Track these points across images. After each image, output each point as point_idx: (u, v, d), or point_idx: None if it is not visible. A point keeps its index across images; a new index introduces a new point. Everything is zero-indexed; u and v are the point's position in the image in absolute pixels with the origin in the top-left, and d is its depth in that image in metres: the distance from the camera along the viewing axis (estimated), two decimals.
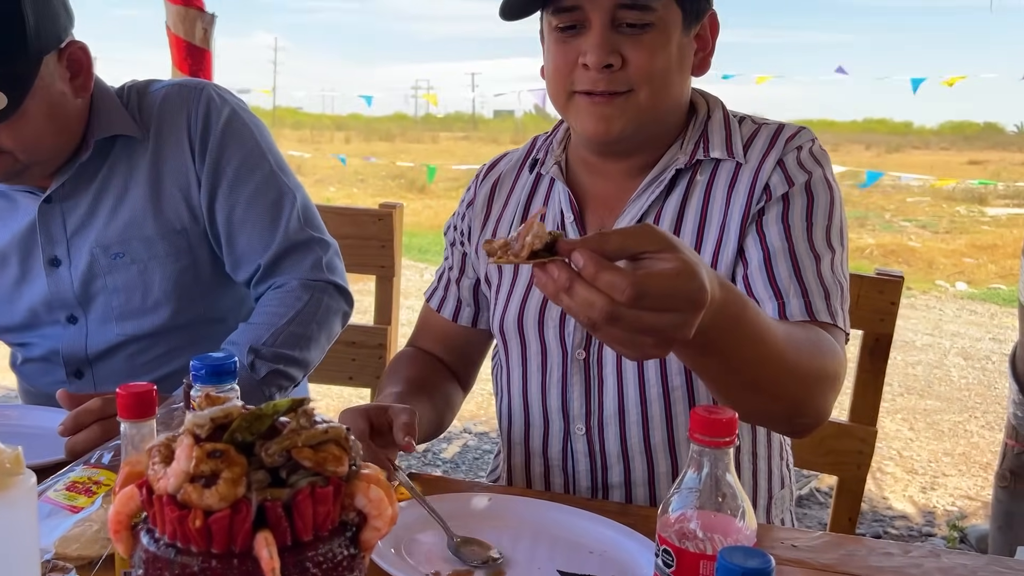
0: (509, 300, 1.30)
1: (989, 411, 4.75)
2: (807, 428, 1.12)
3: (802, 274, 1.14)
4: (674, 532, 0.73)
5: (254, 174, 1.45)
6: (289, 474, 0.54)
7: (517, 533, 1.05)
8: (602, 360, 1.24)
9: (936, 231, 11.98)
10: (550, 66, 1.19)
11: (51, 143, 1.37)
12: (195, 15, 3.15)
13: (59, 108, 1.35)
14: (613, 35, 1.12)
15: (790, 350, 1.00)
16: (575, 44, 1.14)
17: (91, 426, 1.19)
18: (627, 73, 1.13)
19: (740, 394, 1.01)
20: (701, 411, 0.72)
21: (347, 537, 0.56)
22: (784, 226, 1.16)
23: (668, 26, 1.14)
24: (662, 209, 1.22)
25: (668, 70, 1.15)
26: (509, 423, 1.35)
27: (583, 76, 1.14)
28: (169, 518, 0.53)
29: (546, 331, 1.26)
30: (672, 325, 0.77)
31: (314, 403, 0.58)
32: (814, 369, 1.05)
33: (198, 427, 0.54)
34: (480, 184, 1.40)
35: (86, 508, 0.96)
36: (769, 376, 0.99)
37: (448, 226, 1.46)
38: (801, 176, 1.18)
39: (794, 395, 1.04)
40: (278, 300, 1.43)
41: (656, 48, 1.13)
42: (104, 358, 1.51)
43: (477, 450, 4.03)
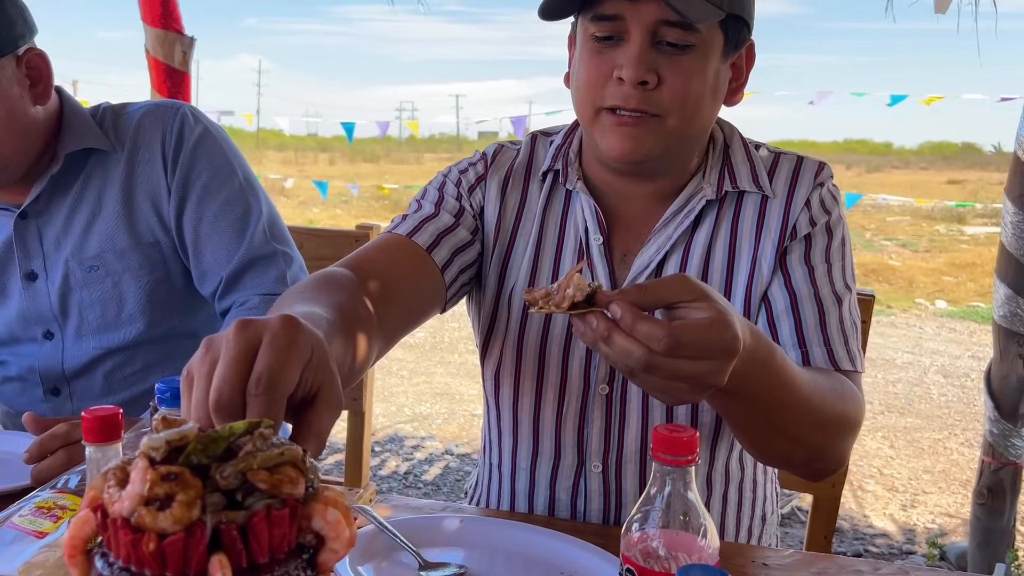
0: (527, 317, 1.23)
1: (968, 428, 4.78)
2: (824, 473, 1.14)
3: (826, 321, 1.15)
4: (638, 551, 0.74)
5: (222, 189, 1.46)
6: (245, 496, 0.54)
7: (489, 553, 1.04)
8: (626, 397, 1.20)
9: (916, 250, 12.10)
10: (581, 76, 1.13)
11: (11, 148, 1.37)
12: (174, 38, 3.16)
13: (17, 113, 1.36)
14: (652, 52, 1.07)
15: (814, 397, 1.02)
16: (611, 56, 1.09)
17: (57, 452, 1.18)
18: (660, 94, 1.08)
19: (764, 438, 1.03)
20: (663, 429, 0.72)
21: (304, 560, 0.56)
22: (808, 268, 1.17)
23: (708, 50, 1.10)
24: (691, 242, 1.19)
25: (702, 97, 1.10)
26: (514, 446, 1.29)
27: (615, 90, 1.09)
28: (123, 542, 0.52)
29: (571, 361, 1.21)
30: (707, 372, 0.81)
31: (269, 426, 0.58)
32: (836, 415, 1.07)
33: (153, 450, 0.54)
34: (492, 167, 1.28)
35: (51, 533, 0.95)
36: (793, 421, 1.01)
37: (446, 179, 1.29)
38: (823, 217, 1.19)
39: (816, 441, 1.06)
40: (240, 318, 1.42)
41: (694, 73, 1.09)
42: (81, 375, 1.51)
43: (459, 472, 4.01)
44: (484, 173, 1.28)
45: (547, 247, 1.24)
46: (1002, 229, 2.70)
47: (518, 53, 48.49)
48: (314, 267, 1.65)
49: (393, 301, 1.09)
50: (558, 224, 1.25)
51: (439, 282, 1.19)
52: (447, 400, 5.17)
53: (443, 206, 1.24)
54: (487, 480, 1.36)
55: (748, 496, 1.28)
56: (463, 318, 6.98)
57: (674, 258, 1.19)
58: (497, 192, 1.27)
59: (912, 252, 11.89)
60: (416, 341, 6.31)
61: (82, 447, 1.17)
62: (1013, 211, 2.62)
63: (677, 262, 1.19)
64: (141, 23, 3.20)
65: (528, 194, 1.27)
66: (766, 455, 1.11)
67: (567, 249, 1.24)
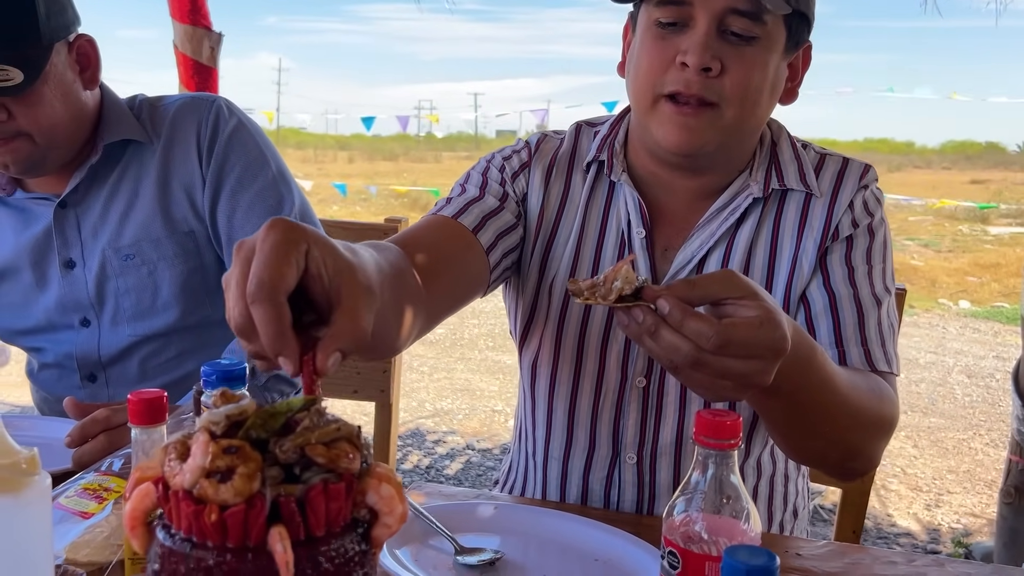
0: (567, 310, 1.23)
1: (993, 429, 4.74)
2: (856, 473, 1.14)
3: (865, 322, 1.15)
4: (679, 535, 0.74)
5: (256, 180, 1.49)
6: (302, 471, 0.55)
7: (523, 540, 1.05)
8: (663, 390, 1.20)
9: (939, 250, 11.99)
10: (642, 62, 1.12)
11: (65, 129, 1.42)
12: (203, 34, 3.19)
13: (71, 96, 1.42)
14: (717, 40, 1.07)
15: (852, 397, 1.02)
16: (675, 41, 1.08)
17: (98, 436, 1.21)
18: (722, 83, 1.07)
19: (800, 438, 1.04)
20: (706, 414, 0.73)
21: (358, 533, 0.57)
22: (848, 268, 1.17)
23: (771, 45, 1.10)
24: (734, 239, 1.19)
25: (761, 91, 1.10)
26: (547, 435, 1.29)
27: (677, 75, 1.08)
28: (185, 513, 0.54)
29: (609, 353, 1.22)
30: (754, 371, 0.81)
31: (326, 403, 0.59)
32: (872, 416, 1.07)
33: (213, 424, 0.56)
34: (536, 156, 1.28)
35: (96, 514, 0.97)
36: (830, 421, 1.01)
37: (489, 164, 1.28)
38: (865, 218, 1.19)
39: (852, 441, 1.06)
40: None
41: (756, 65, 1.09)
42: (116, 362, 1.54)
43: (480, 467, 4.02)
44: (528, 161, 1.28)
45: (589, 238, 1.24)
46: None
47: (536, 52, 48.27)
48: None
49: (439, 278, 1.08)
50: (600, 216, 1.25)
51: (483, 263, 1.18)
52: (468, 396, 5.18)
53: (488, 190, 1.24)
54: (521, 468, 1.37)
55: (780, 490, 1.28)
56: (482, 315, 6.98)
57: (716, 255, 1.19)
58: (541, 181, 1.26)
59: (935, 252, 11.79)
60: (436, 337, 6.33)
61: (122, 432, 1.20)
62: None
63: (719, 259, 1.19)
64: (165, 21, 3.23)
65: (571, 184, 1.26)
66: (801, 455, 1.12)
67: (609, 241, 1.24)
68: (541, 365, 1.27)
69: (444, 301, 1.11)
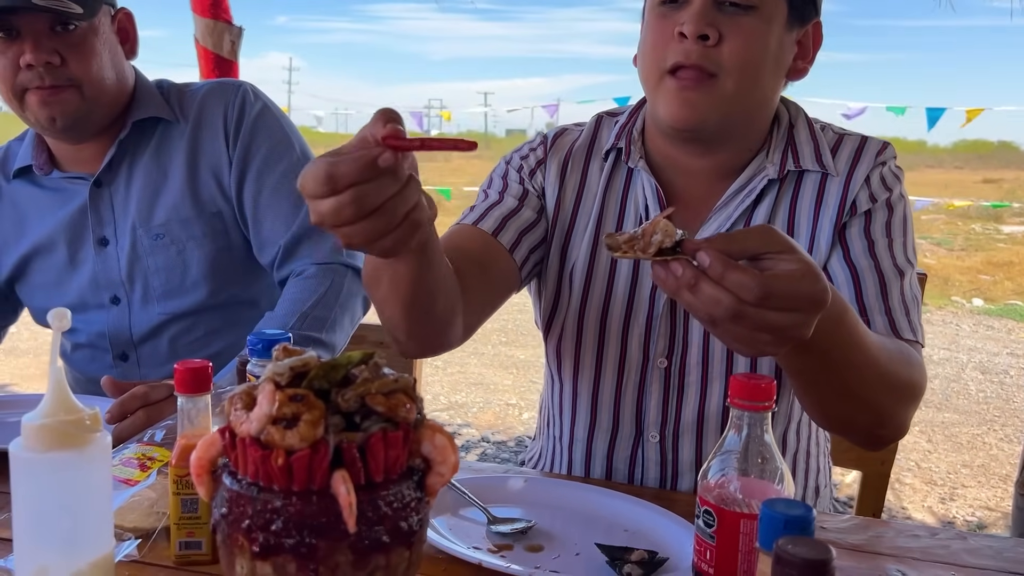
0: (588, 294, 1.25)
1: (1008, 424, 4.74)
2: (884, 440, 1.13)
3: (888, 291, 1.15)
4: (714, 496, 0.77)
5: (281, 161, 1.53)
6: (362, 420, 0.58)
7: (552, 511, 1.08)
8: (685, 369, 1.22)
9: (951, 248, 11.96)
10: (647, 41, 1.15)
11: (110, 86, 1.49)
12: (223, 28, 3.22)
13: (117, 57, 1.50)
14: (714, 11, 1.09)
15: (882, 358, 1.02)
16: (675, 17, 1.11)
17: (136, 412, 1.23)
18: (720, 52, 1.09)
19: (831, 400, 1.03)
20: (741, 377, 0.75)
21: (414, 481, 0.60)
22: (868, 241, 1.17)
23: (771, 16, 1.11)
24: (750, 221, 1.20)
25: (762, 62, 1.11)
26: (573, 418, 1.31)
27: (676, 47, 1.10)
28: (252, 458, 0.57)
29: (631, 336, 1.23)
30: (793, 324, 0.81)
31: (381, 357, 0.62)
32: (903, 380, 1.07)
33: (278, 375, 0.58)
34: (551, 151, 1.30)
35: (142, 482, 0.99)
36: (860, 382, 1.01)
37: (508, 165, 1.32)
38: (883, 193, 1.19)
39: (881, 404, 1.06)
40: (300, 287, 1.49)
41: (754, 35, 1.10)
42: (147, 340, 1.57)
43: (495, 459, 4.05)
44: (544, 156, 1.30)
45: (607, 226, 1.26)
46: None
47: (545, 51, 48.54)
48: None
49: (469, 283, 1.12)
50: (619, 202, 1.26)
51: (510, 264, 1.22)
52: (482, 390, 5.21)
53: (507, 192, 1.27)
54: (548, 453, 1.39)
55: (801, 466, 1.30)
56: None
57: None
58: (556, 174, 1.29)
59: (947, 251, 11.76)
60: None
61: (160, 407, 1.23)
62: None
63: None
64: (178, 21, 3.26)
65: (588, 174, 1.28)
66: (830, 418, 1.11)
67: (628, 227, 1.25)
68: (565, 351, 1.30)
69: (479, 305, 1.17)
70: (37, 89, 1.41)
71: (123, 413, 1.23)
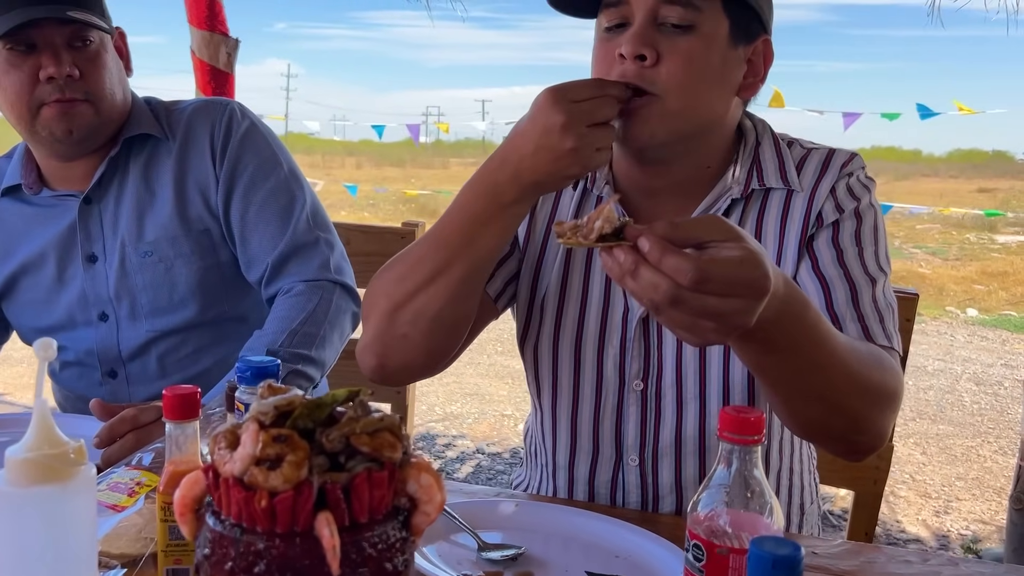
0: (561, 320, 1.26)
1: (1002, 436, 4.74)
2: (863, 448, 1.11)
3: (859, 298, 1.14)
4: (703, 529, 0.76)
5: (268, 179, 1.55)
6: (347, 459, 0.58)
7: (544, 537, 1.07)
8: (661, 390, 1.21)
9: (946, 258, 11.98)
10: (594, 67, 1.16)
11: (119, 102, 1.52)
12: (219, 40, 3.22)
13: (121, 74, 1.54)
14: (653, 31, 1.09)
15: (851, 360, 1.00)
16: (617, 40, 1.11)
17: (126, 436, 1.23)
18: (658, 72, 1.08)
19: (800, 402, 1.01)
20: (730, 410, 0.75)
21: (399, 521, 0.59)
22: (837, 251, 1.16)
23: (711, 34, 1.11)
24: None
25: (702, 80, 1.11)
26: (554, 445, 1.31)
27: (617, 68, 1.10)
28: (235, 499, 0.56)
29: (605, 360, 1.24)
30: (734, 311, 0.80)
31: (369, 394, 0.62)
32: (874, 383, 1.05)
33: (263, 414, 0.58)
34: None
35: (129, 508, 0.99)
36: (829, 384, 0.99)
37: None
38: (850, 203, 1.18)
39: (855, 408, 1.04)
40: (288, 304, 1.49)
41: (693, 54, 1.09)
42: (136, 357, 1.57)
43: (490, 470, 4.04)
44: None
45: (577, 253, 1.27)
46: None
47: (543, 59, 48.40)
48: (361, 263, 1.70)
49: None
50: None
51: (486, 297, 1.26)
52: (477, 400, 5.20)
53: None
54: (536, 481, 1.39)
55: (785, 484, 1.29)
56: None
57: None
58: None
59: (942, 260, 11.78)
60: None
61: (149, 430, 1.23)
62: None
63: None
64: (175, 28, 3.26)
65: (559, 202, 1.30)
66: (802, 423, 1.09)
67: (596, 253, 1.25)
68: (543, 377, 1.30)
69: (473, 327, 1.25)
70: (55, 102, 1.43)
71: (112, 437, 1.23)
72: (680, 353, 1.20)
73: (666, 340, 1.21)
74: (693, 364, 1.19)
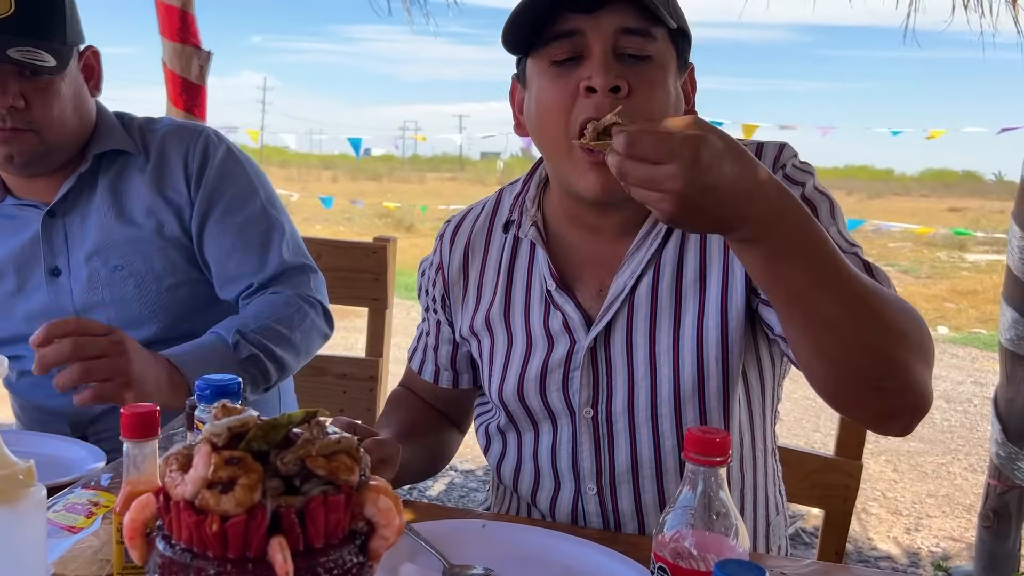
0: (506, 371, 1.26)
1: (972, 453, 4.78)
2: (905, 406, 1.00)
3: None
4: (669, 551, 0.75)
5: (245, 207, 1.54)
6: (302, 482, 0.57)
7: (512, 558, 1.06)
8: (612, 416, 1.20)
9: (918, 276, 12.12)
10: (546, 106, 1.12)
11: (71, 129, 1.48)
12: (191, 52, 3.20)
13: (81, 98, 1.50)
14: (616, 63, 1.07)
15: (866, 288, 0.94)
16: (575, 74, 1.08)
17: (63, 340, 1.20)
18: (631, 104, 1.05)
19: (820, 332, 0.95)
20: (695, 431, 0.74)
21: (356, 545, 0.58)
22: None
23: (665, 63, 1.11)
24: (660, 259, 1.19)
25: (666, 109, 1.11)
26: (515, 481, 1.31)
27: (586, 103, 1.07)
28: (186, 523, 0.54)
29: (549, 395, 1.23)
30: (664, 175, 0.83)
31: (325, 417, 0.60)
32: (900, 320, 0.97)
33: (215, 436, 0.56)
34: (450, 250, 1.34)
35: (85, 529, 0.97)
36: (849, 309, 0.93)
37: (420, 289, 1.42)
38: (795, 190, 1.12)
39: (880, 343, 0.96)
40: (269, 301, 1.50)
41: (656, 83, 1.10)
42: None
43: (463, 488, 4.01)
44: (440, 262, 1.35)
45: (516, 297, 1.27)
46: (1009, 253, 2.72)
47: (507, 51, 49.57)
48: (332, 278, 1.69)
49: (440, 400, 1.42)
50: (526, 273, 1.27)
51: (454, 380, 1.39)
52: None
53: (429, 332, 1.40)
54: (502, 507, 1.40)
55: (749, 500, 1.29)
56: None
57: (645, 279, 1.19)
58: (460, 264, 1.33)
59: (914, 278, 11.91)
60: None
61: (91, 343, 1.21)
62: (1020, 235, 2.64)
63: (649, 282, 1.19)
64: (149, 39, 3.24)
65: (490, 248, 1.31)
66: (827, 362, 0.99)
67: (534, 297, 1.25)
68: (498, 415, 1.32)
69: (465, 413, 1.44)
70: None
71: (48, 338, 1.20)
72: (631, 378, 1.19)
73: (616, 367, 1.20)
74: (644, 388, 1.18)
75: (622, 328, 1.19)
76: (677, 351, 1.17)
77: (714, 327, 1.16)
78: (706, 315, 1.17)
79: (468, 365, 1.38)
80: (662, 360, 1.18)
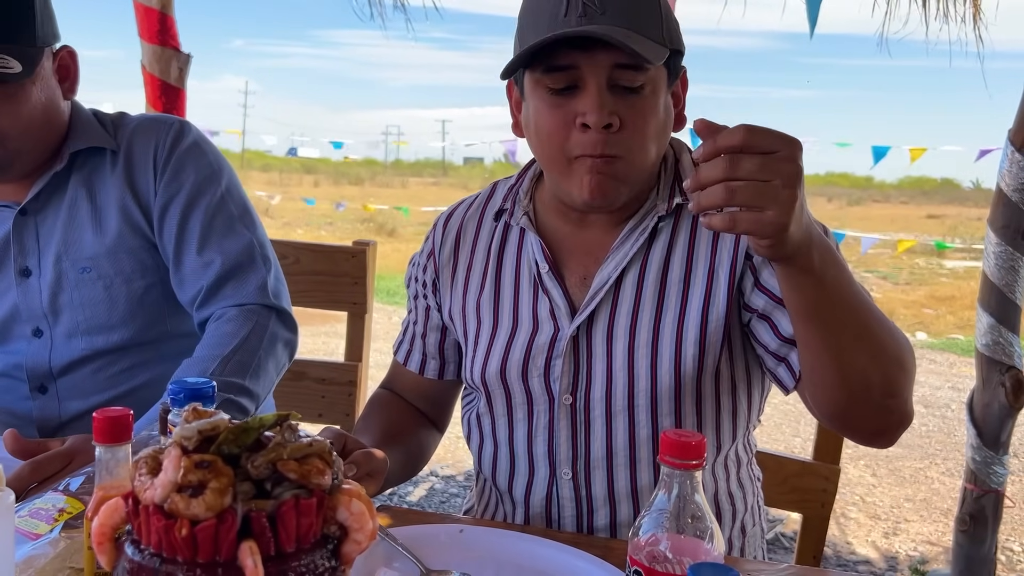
0: (490, 352, 1.28)
1: (949, 458, 4.82)
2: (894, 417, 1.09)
3: None
4: (644, 554, 0.75)
5: (206, 195, 1.50)
6: (274, 486, 0.56)
7: (489, 562, 1.05)
8: (590, 404, 1.23)
9: (896, 282, 12.23)
10: (543, 129, 1.17)
11: (39, 134, 1.44)
12: (171, 55, 3.18)
13: (52, 102, 1.45)
14: (609, 96, 1.12)
15: (878, 315, 1.03)
16: (571, 105, 1.13)
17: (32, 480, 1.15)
18: (623, 136, 1.13)
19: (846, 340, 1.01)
20: (671, 434, 0.74)
21: (328, 549, 0.57)
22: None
23: (657, 88, 1.15)
24: (647, 258, 1.22)
25: (656, 134, 1.17)
26: (493, 470, 1.33)
27: (580, 138, 1.13)
28: (155, 528, 0.54)
29: (530, 379, 1.25)
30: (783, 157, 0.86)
31: (297, 420, 0.60)
32: (898, 337, 1.06)
33: (185, 439, 0.56)
34: (442, 235, 1.38)
35: (45, 535, 0.95)
36: (868, 324, 1.01)
37: (409, 277, 1.44)
38: None
39: (890, 360, 1.04)
40: (220, 330, 1.42)
41: (648, 111, 1.14)
42: (67, 372, 1.51)
43: (444, 493, 4.00)
44: (432, 248, 1.39)
45: (505, 281, 1.30)
46: (984, 260, 2.75)
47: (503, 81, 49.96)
48: (311, 282, 1.68)
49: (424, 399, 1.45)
50: (515, 259, 1.30)
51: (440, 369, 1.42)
52: None
53: (417, 321, 1.42)
54: (482, 507, 1.41)
55: (727, 507, 1.29)
56: None
57: (631, 274, 1.22)
58: (451, 248, 1.36)
59: (892, 285, 12.02)
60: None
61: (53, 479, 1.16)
62: (996, 242, 2.67)
63: (635, 277, 1.22)
64: (130, 42, 3.21)
65: (480, 234, 1.35)
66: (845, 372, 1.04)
67: (524, 282, 1.29)
68: (477, 403, 1.35)
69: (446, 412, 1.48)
70: None
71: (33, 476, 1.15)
72: (611, 368, 1.22)
73: (596, 355, 1.23)
74: (622, 378, 1.21)
75: (604, 319, 1.22)
76: (656, 346, 1.20)
77: (693, 327, 1.19)
78: (687, 316, 1.20)
79: (455, 353, 1.41)
80: (640, 353, 1.20)
